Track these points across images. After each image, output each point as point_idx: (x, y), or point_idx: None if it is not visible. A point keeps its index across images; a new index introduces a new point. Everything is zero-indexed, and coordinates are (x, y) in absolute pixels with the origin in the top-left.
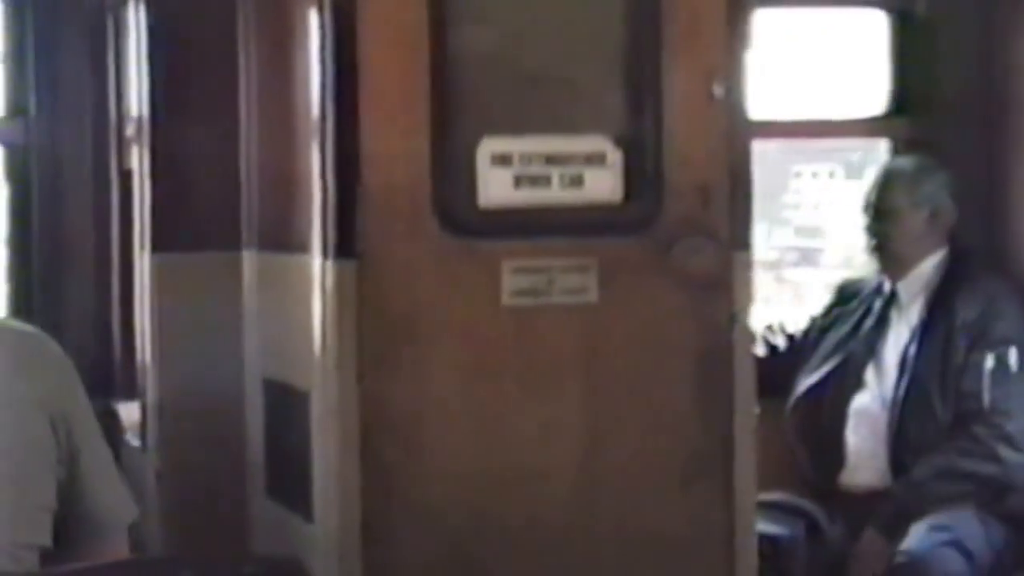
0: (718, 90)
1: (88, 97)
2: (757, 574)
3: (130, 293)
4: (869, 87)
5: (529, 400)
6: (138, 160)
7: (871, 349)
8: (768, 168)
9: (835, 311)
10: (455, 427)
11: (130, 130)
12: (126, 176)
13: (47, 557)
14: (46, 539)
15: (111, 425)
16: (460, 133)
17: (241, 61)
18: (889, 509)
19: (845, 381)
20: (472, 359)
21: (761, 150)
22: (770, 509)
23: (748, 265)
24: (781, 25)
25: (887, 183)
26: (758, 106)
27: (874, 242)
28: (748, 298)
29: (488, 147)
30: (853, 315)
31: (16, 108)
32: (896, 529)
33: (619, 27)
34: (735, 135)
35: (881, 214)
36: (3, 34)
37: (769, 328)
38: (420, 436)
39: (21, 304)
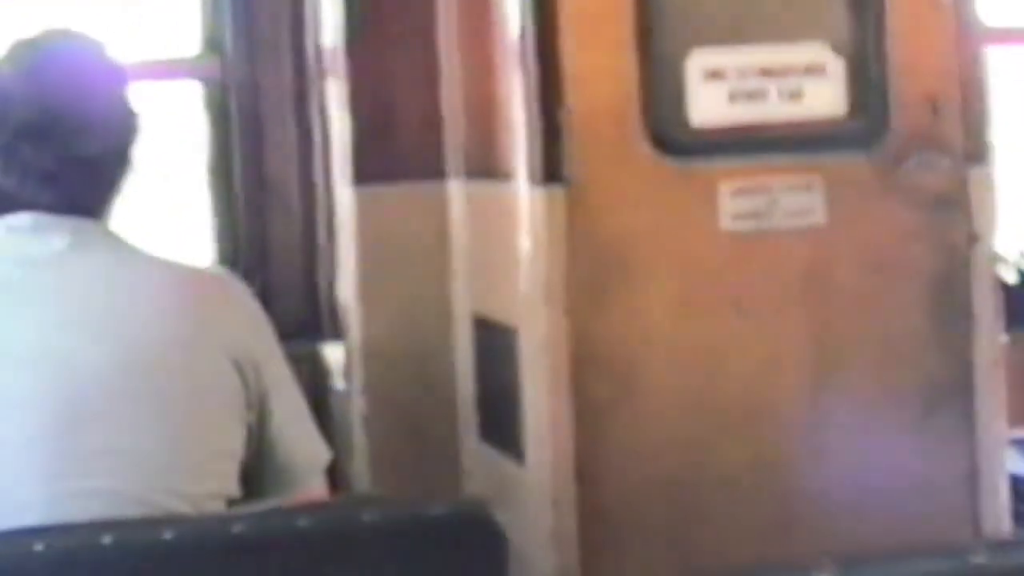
0: None
1: (285, 30)
2: (1011, 517)
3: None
4: None
5: (751, 332)
6: (335, 91)
7: None
8: None
9: None
10: (671, 363)
11: (327, 61)
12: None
13: (236, 507)
14: (232, 488)
15: (315, 368)
16: (667, 47)
17: None
18: None
19: None
20: (689, 289)
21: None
22: None
23: (987, 181)
24: None
25: None
26: (991, 11)
27: None
28: (988, 217)
29: (698, 61)
30: None
31: (212, 44)
32: None
33: None
34: (966, 41)
35: None
36: None
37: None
38: (634, 373)
39: (226, 241)
